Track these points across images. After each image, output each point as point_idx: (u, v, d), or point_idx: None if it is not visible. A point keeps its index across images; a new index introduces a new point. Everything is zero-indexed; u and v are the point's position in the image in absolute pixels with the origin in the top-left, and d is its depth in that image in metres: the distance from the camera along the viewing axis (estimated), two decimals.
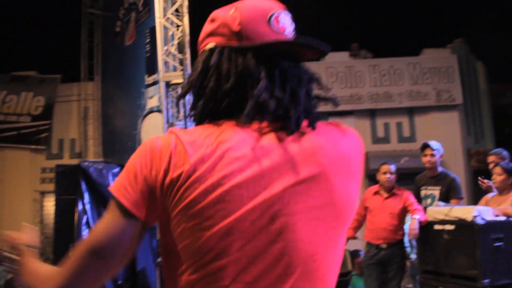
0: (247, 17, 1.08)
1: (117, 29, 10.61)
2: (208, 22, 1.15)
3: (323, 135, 1.09)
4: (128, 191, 1.02)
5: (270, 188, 0.99)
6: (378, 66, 10.42)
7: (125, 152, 9.85)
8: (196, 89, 1.10)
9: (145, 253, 6.53)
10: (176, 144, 1.01)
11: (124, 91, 10.23)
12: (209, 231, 0.97)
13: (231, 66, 1.06)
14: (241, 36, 1.08)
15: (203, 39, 1.15)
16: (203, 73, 1.09)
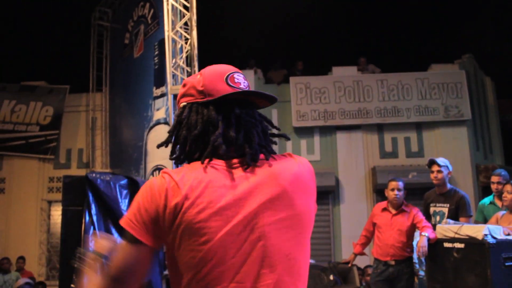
0: (208, 78, 1.39)
1: (126, 41, 10.68)
2: (181, 87, 1.45)
3: (280, 163, 1.38)
4: (135, 223, 1.29)
5: (246, 207, 1.28)
6: (386, 80, 10.40)
7: (132, 163, 9.86)
8: (173, 138, 1.41)
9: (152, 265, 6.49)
10: (169, 182, 1.28)
11: (131, 102, 10.27)
12: (207, 245, 1.24)
13: (198, 117, 1.35)
14: (205, 93, 1.38)
15: (178, 100, 1.45)
16: (178, 126, 1.39)
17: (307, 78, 10.51)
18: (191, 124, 1.36)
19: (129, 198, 6.36)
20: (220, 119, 1.34)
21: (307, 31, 12.31)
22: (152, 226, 1.27)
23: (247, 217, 1.27)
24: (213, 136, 1.32)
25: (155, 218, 1.27)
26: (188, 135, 1.36)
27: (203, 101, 1.37)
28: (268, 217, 1.29)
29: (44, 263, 10.75)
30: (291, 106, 10.28)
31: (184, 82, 1.45)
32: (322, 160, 10.28)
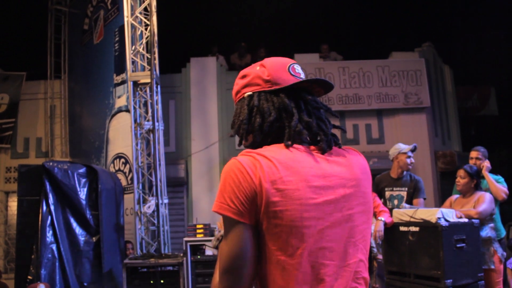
0: (273, 68, 1.48)
1: (85, 27, 10.43)
2: (239, 78, 1.54)
3: (350, 154, 1.49)
4: (232, 206, 1.29)
5: (335, 190, 1.36)
6: (348, 68, 10.50)
7: (92, 152, 9.69)
8: (246, 126, 1.44)
9: (112, 254, 6.43)
10: (262, 161, 1.31)
11: (92, 90, 10.07)
12: (303, 223, 1.29)
13: (269, 105, 1.42)
14: (272, 82, 1.46)
15: (239, 90, 1.52)
16: (249, 114, 1.44)
17: None
18: (264, 111, 1.42)
19: (88, 186, 6.27)
20: (293, 105, 1.42)
21: (270, 18, 12.28)
22: (250, 205, 1.28)
23: (337, 198, 1.36)
24: (293, 122, 1.39)
25: (252, 197, 1.28)
26: (263, 122, 1.42)
27: (272, 89, 1.45)
28: (352, 201, 1.39)
29: (1, 255, 10.48)
30: None
31: (243, 73, 1.53)
32: None
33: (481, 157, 5.46)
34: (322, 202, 1.33)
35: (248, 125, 1.45)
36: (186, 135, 10.33)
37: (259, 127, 1.43)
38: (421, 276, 4.43)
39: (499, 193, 5.17)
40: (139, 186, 7.65)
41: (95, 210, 6.24)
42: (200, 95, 10.44)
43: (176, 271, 5.85)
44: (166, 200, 7.73)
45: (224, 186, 1.31)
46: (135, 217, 7.51)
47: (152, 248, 7.44)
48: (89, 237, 6.13)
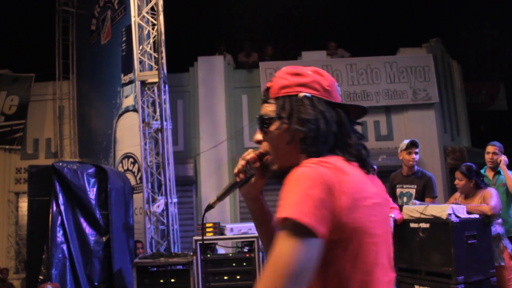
0: (330, 81, 1.44)
1: (93, 28, 10.47)
2: (290, 74, 1.44)
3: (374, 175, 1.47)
4: (311, 216, 1.14)
5: (383, 207, 1.37)
6: (355, 65, 10.46)
7: (101, 151, 9.74)
8: (316, 127, 1.36)
9: (122, 254, 6.46)
10: (341, 172, 1.26)
11: (99, 90, 10.11)
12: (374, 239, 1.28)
13: (333, 115, 1.38)
14: (330, 94, 1.42)
15: (289, 85, 1.42)
16: (320, 116, 1.37)
17: (277, 63, 10.48)
18: (327, 119, 1.37)
19: (97, 186, 6.29)
20: (345, 122, 1.41)
21: (277, 16, 12.25)
22: (329, 217, 1.18)
23: (386, 214, 1.40)
24: (352, 140, 1.40)
25: (332, 209, 1.19)
26: (328, 130, 1.37)
27: (332, 101, 1.42)
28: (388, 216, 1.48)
29: (13, 256, 10.56)
30: (261, 91, 10.23)
31: (296, 72, 1.44)
32: None
33: (497, 151, 5.42)
34: (381, 219, 1.32)
35: (314, 127, 1.36)
36: (195, 134, 10.34)
37: (324, 134, 1.36)
38: (432, 273, 4.41)
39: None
40: (148, 186, 7.67)
41: (105, 210, 6.27)
42: (208, 94, 10.44)
43: (186, 270, 5.85)
44: (175, 199, 7.75)
45: (307, 194, 1.17)
46: (145, 217, 7.53)
47: (162, 247, 7.46)
48: (99, 237, 6.15)
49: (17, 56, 11.77)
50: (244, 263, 5.81)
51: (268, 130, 1.42)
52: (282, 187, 1.23)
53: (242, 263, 5.81)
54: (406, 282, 4.71)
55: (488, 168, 5.56)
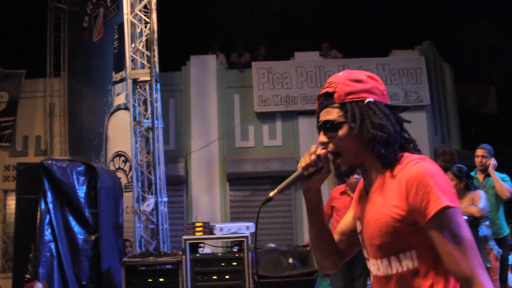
0: (383, 86, 1.58)
1: (85, 25, 10.40)
2: (352, 81, 1.54)
3: None
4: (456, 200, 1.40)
5: None
6: (348, 66, 10.46)
7: (92, 149, 9.68)
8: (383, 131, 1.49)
9: (111, 253, 6.42)
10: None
11: (91, 87, 10.05)
12: None
13: (395, 117, 1.53)
14: (386, 97, 1.56)
15: (354, 92, 1.53)
16: (387, 119, 1.51)
17: (269, 63, 10.49)
18: (392, 122, 1.51)
19: (87, 185, 6.25)
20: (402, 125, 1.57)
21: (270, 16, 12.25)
22: None
23: None
24: (411, 140, 1.58)
25: None
26: (394, 130, 1.50)
27: (389, 105, 1.56)
28: None
29: (0, 254, 10.47)
30: (253, 91, 10.25)
31: (357, 78, 1.55)
32: (284, 145, 10.32)
33: (486, 155, 5.46)
34: None
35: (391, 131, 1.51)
36: (186, 133, 10.32)
37: (394, 135, 1.51)
38: None
39: (504, 192, 5.17)
40: (138, 184, 7.63)
41: (94, 208, 6.22)
42: (200, 93, 10.42)
43: (175, 269, 5.84)
44: (165, 198, 7.71)
45: (448, 185, 1.41)
46: (134, 216, 7.49)
47: (151, 247, 7.42)
48: (87, 236, 6.11)
49: (7, 52, 11.66)
50: (234, 262, 5.80)
51: (336, 134, 1.53)
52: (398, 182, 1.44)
53: (231, 263, 5.80)
54: None
55: (478, 171, 5.59)
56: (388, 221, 1.45)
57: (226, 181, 10.14)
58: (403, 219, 1.43)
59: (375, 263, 1.54)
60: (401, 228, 1.43)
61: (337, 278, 5.20)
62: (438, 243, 1.37)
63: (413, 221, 1.42)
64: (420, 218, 1.39)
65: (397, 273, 1.48)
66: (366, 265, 4.71)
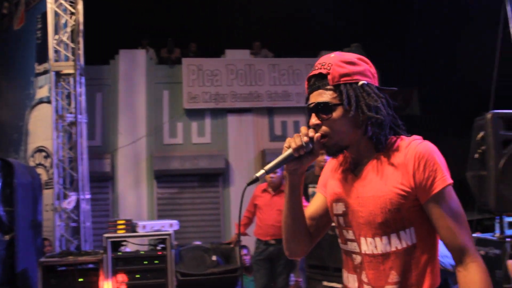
0: (374, 68, 1.61)
1: (4, 11, 9.89)
2: (345, 63, 1.55)
3: None
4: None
5: None
6: (278, 65, 10.63)
7: (10, 144, 9.24)
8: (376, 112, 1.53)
9: (28, 253, 6.12)
10: None
11: (10, 79, 9.58)
12: None
13: (385, 99, 1.56)
14: (376, 80, 1.60)
15: (348, 74, 1.54)
16: (380, 101, 1.55)
17: (199, 59, 10.44)
18: (385, 104, 1.55)
19: (2, 181, 5.92)
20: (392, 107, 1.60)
21: (202, 12, 12.17)
22: None
23: None
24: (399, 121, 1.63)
25: None
26: (387, 113, 1.55)
27: (380, 87, 1.58)
28: None
29: None
30: (183, 87, 10.16)
31: (350, 60, 1.56)
32: (212, 143, 10.29)
33: None
34: None
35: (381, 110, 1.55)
36: (113, 128, 10.05)
37: (388, 117, 1.56)
38: (340, 269, 4.52)
39: None
40: (59, 181, 7.35)
41: (10, 206, 5.90)
42: (129, 88, 10.19)
43: (96, 268, 5.66)
44: (88, 196, 7.47)
45: (444, 164, 1.52)
46: (54, 214, 7.21)
47: (73, 246, 7.17)
48: (1, 235, 5.79)
49: None
50: (156, 261, 5.70)
51: (330, 116, 1.54)
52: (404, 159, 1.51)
53: (153, 261, 5.70)
54: (315, 278, 4.82)
55: None
56: (393, 198, 1.49)
57: (153, 178, 9.98)
58: (408, 195, 1.49)
59: (372, 241, 1.55)
60: (405, 204, 1.50)
61: (259, 274, 5.26)
62: (438, 217, 1.48)
63: (415, 198, 1.50)
64: (423, 194, 1.49)
65: (396, 250, 1.52)
66: (288, 261, 4.77)
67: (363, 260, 1.60)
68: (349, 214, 1.62)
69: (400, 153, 1.52)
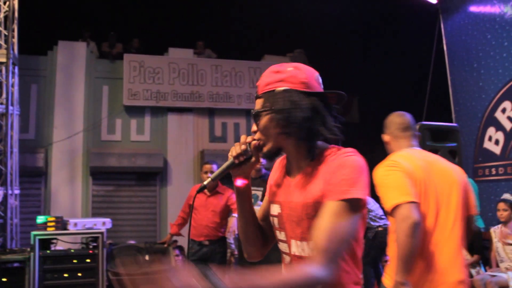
0: (307, 74, 1.63)
1: None
2: (272, 72, 1.64)
3: None
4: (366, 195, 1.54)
5: None
6: (221, 66, 10.64)
7: None
8: (288, 115, 1.57)
9: None
10: None
11: None
12: None
13: (307, 103, 1.56)
14: (306, 85, 1.61)
15: (271, 83, 1.63)
16: (291, 106, 1.57)
17: (142, 56, 10.27)
18: (302, 107, 1.55)
19: None
20: (322, 110, 1.58)
21: (146, 8, 12.00)
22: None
23: None
24: (328, 124, 1.59)
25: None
26: (301, 117, 1.55)
27: (306, 91, 1.59)
28: None
29: None
30: (123, 83, 9.96)
31: (276, 70, 1.64)
32: (151, 141, 10.16)
33: None
34: None
35: (289, 115, 1.57)
36: (48, 122, 9.69)
37: (297, 120, 1.56)
38: None
39: None
40: None
41: None
42: (66, 81, 9.86)
43: (21, 267, 5.45)
44: (17, 191, 7.19)
45: (366, 181, 1.54)
46: None
47: None
48: None
49: None
50: (87, 259, 5.57)
51: (259, 122, 1.63)
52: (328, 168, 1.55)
53: (84, 260, 5.57)
54: None
55: None
56: (315, 205, 1.54)
57: (89, 174, 9.72)
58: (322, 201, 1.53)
59: (301, 244, 1.61)
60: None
61: None
62: (320, 215, 1.48)
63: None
64: (327, 195, 1.51)
65: None
66: (222, 263, 4.78)
67: (292, 261, 1.66)
68: (283, 216, 1.67)
69: (328, 162, 1.58)
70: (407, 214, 2.25)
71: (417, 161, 2.50)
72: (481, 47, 7.80)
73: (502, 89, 7.33)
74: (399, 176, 2.39)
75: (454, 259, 2.38)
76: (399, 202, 2.28)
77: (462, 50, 8.26)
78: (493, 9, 7.58)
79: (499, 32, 7.42)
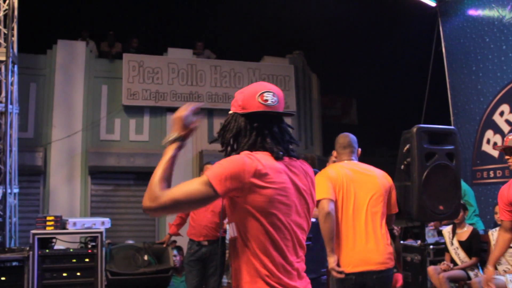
0: (246, 95, 1.90)
1: None
2: (234, 99, 1.95)
3: (303, 164, 1.95)
4: (217, 180, 1.70)
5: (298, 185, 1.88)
6: (220, 67, 10.66)
7: None
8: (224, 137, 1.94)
9: None
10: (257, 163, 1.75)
11: None
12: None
13: (235, 124, 1.89)
14: (242, 107, 1.89)
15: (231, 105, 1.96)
16: (223, 128, 1.94)
17: (141, 56, 10.28)
18: (229, 129, 1.90)
19: None
20: (248, 128, 1.86)
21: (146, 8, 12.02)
22: (231, 187, 1.70)
23: (299, 192, 1.87)
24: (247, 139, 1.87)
25: (240, 185, 1.70)
26: (228, 136, 1.90)
27: (241, 112, 1.88)
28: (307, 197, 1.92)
29: None
30: (122, 83, 9.96)
31: (235, 94, 1.96)
32: (150, 141, 10.15)
33: None
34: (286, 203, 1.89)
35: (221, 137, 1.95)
36: (47, 121, 9.69)
37: (227, 140, 1.92)
38: None
39: None
40: None
41: None
42: (66, 80, 9.86)
43: (20, 266, 5.46)
44: (16, 190, 7.18)
45: (225, 168, 1.72)
46: None
47: None
48: None
49: None
50: (86, 259, 5.58)
51: None
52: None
53: (83, 259, 5.57)
54: None
55: None
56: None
57: (87, 174, 9.72)
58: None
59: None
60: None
61: (191, 275, 5.25)
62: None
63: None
64: None
65: (230, 238, 1.88)
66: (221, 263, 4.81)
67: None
68: None
69: None
70: (323, 206, 3.22)
71: (344, 171, 3.39)
72: (479, 50, 7.84)
73: (500, 92, 7.38)
74: (324, 181, 3.30)
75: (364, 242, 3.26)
76: (319, 198, 3.18)
77: (461, 53, 8.30)
78: (491, 12, 7.62)
79: (498, 35, 7.46)
